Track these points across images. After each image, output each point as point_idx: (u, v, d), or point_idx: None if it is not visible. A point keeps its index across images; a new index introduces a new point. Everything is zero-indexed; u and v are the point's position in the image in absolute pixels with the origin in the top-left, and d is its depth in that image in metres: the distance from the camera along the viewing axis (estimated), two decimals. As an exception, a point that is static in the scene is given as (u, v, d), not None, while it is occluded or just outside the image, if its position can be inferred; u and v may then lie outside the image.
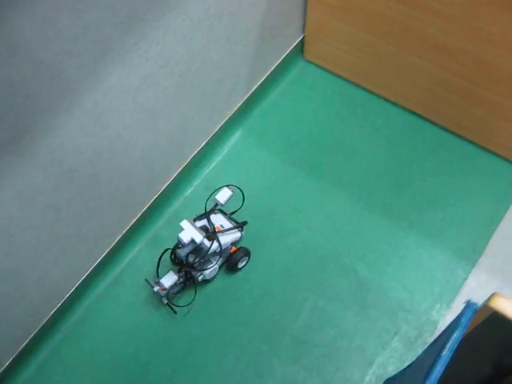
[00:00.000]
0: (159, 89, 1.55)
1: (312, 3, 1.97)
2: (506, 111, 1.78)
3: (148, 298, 1.81)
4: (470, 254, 1.81)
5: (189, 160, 1.91)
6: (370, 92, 2.12)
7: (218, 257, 1.73)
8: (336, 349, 1.70)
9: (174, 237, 1.72)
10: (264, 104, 2.14)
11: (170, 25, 1.44)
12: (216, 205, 1.76)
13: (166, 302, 1.74)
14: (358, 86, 2.14)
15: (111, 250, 1.80)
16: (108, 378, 1.71)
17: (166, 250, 1.76)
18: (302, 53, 2.22)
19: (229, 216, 1.79)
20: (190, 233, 1.60)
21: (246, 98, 2.04)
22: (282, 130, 2.07)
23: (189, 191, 1.97)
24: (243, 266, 1.83)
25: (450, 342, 0.91)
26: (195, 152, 1.92)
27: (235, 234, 1.75)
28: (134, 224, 1.83)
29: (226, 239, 1.71)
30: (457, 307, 1.71)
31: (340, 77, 2.16)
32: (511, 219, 1.86)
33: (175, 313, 1.76)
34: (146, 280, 1.77)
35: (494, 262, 1.79)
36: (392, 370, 1.65)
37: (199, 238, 1.60)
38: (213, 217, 1.75)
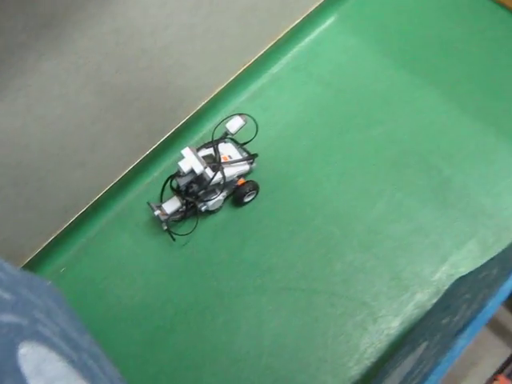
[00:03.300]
0: None
1: None
2: None
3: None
4: None
5: (281, 35, 1.84)
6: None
7: (225, 189, 1.66)
8: (410, 243, 1.66)
9: (257, 112, 1.69)
10: (364, -10, 2.04)
11: None
12: (226, 133, 1.66)
13: (165, 228, 1.67)
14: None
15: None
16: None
17: (170, 176, 1.67)
18: None
19: (240, 146, 1.70)
20: (189, 162, 1.51)
21: (346, -20, 1.95)
22: (380, 19, 1.98)
23: (276, 69, 1.92)
24: (250, 201, 1.75)
25: None
26: (288, 28, 1.85)
27: (243, 167, 1.66)
28: (219, 92, 1.79)
29: (232, 171, 1.61)
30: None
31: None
32: None
33: (173, 240, 1.70)
34: (148, 203, 1.70)
35: None
36: (464, 271, 1.61)
37: (199, 168, 1.50)
38: (222, 146, 1.66)
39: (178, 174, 1.56)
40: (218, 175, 1.55)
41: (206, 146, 1.63)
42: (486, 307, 0.85)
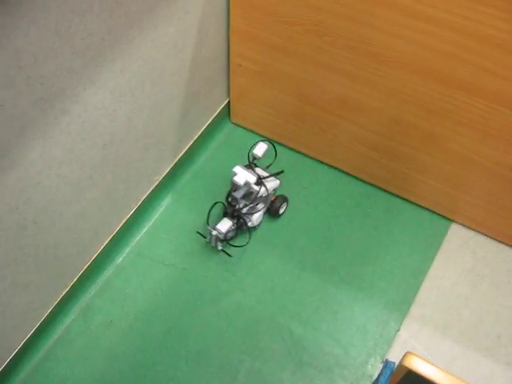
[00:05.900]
0: (83, 161, 1.56)
1: (234, 69, 2.03)
2: (423, 165, 1.87)
3: (84, 362, 1.77)
4: (401, 305, 1.85)
5: (119, 227, 1.91)
6: (296, 151, 2.18)
7: (263, 204, 1.93)
8: (274, 410, 1.69)
9: (108, 306, 1.71)
10: (193, 167, 2.17)
11: (90, 98, 1.46)
12: (254, 158, 1.90)
13: (220, 248, 1.92)
14: (283, 145, 2.20)
15: (42, 323, 1.75)
16: None
17: (216, 202, 1.98)
18: (229, 116, 2.27)
19: (265, 168, 1.95)
20: (243, 176, 1.81)
21: (174, 163, 2.06)
22: (212, 192, 2.09)
23: (120, 259, 1.96)
24: (283, 212, 2.04)
25: (371, 401, 0.92)
26: (125, 219, 1.92)
27: (275, 181, 1.94)
28: (64, 295, 1.79)
29: (269, 185, 1.91)
30: (391, 359, 1.74)
31: (266, 137, 2.21)
32: (438, 268, 1.92)
33: (230, 256, 1.94)
34: (197, 232, 1.98)
35: (424, 310, 1.84)
36: (331, 429, 1.65)
37: (253, 179, 1.81)
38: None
39: (232, 190, 1.86)
40: (262, 189, 1.87)
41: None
42: None
